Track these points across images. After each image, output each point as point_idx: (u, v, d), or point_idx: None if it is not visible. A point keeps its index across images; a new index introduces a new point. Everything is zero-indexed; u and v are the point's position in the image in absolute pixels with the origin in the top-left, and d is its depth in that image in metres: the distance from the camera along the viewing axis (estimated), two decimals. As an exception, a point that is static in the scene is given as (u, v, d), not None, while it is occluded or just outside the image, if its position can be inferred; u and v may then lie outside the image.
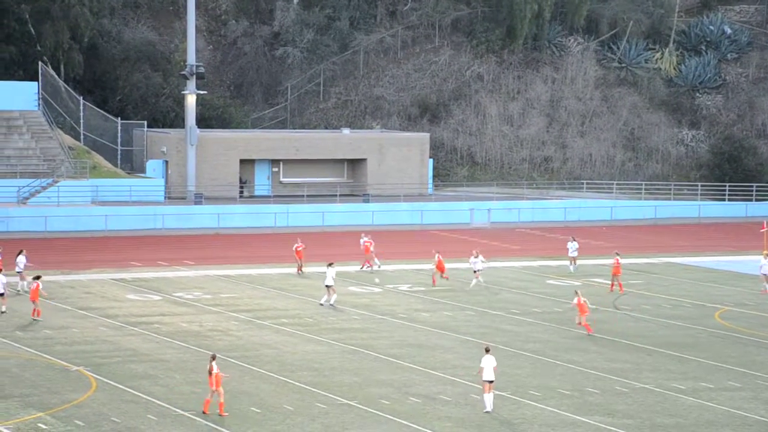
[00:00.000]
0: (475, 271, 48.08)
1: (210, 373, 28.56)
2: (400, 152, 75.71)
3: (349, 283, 49.16)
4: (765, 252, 48.23)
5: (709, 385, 32.49)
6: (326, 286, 43.31)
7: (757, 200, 79.08)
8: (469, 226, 69.94)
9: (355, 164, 75.83)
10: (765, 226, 60.17)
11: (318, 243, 61.61)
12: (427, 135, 78.79)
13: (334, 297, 43.31)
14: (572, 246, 52.54)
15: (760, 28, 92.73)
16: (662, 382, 32.83)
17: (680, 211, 76.22)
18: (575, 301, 39.62)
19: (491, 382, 29.54)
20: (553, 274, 51.37)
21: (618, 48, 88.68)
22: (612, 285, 46.78)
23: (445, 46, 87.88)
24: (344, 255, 56.68)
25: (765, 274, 46.82)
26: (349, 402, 30.18)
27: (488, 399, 29.54)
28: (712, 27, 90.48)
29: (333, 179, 75.11)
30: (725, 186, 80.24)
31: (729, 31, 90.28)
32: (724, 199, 79.64)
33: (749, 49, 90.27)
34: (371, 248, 52.06)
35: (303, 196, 70.51)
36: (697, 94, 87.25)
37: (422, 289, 48.05)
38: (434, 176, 78.55)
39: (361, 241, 52.73)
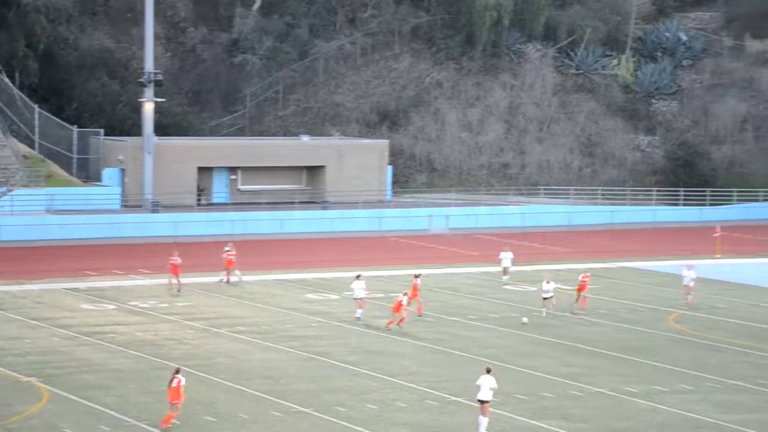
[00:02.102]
0: (544, 298, 43.84)
1: (170, 385, 28.32)
2: (358, 159, 75.81)
3: (306, 290, 49.18)
4: (687, 264, 47.91)
5: (662, 388, 32.81)
6: (356, 299, 42.36)
7: (710, 205, 79.86)
8: (428, 232, 70.14)
9: (313, 171, 75.82)
10: (718, 230, 60.88)
11: (276, 251, 61.57)
12: (386, 142, 78.92)
13: (359, 311, 42.35)
14: (506, 256, 51.93)
15: (714, 35, 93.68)
16: (616, 385, 33.12)
17: (636, 216, 76.84)
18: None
19: (485, 402, 28.23)
20: (511, 280, 51.62)
21: (576, 55, 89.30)
22: (577, 300, 45.74)
23: (404, 53, 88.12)
24: (303, 262, 56.69)
25: (687, 285, 46.20)
26: (305, 409, 30.21)
27: (482, 423, 28.07)
28: (668, 34, 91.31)
29: (292, 186, 75.04)
30: (680, 191, 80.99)
31: (684, 37, 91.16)
32: (678, 204, 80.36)
33: (704, 56, 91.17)
34: (233, 260, 49.44)
35: (261, 203, 70.40)
36: (653, 100, 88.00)
37: (380, 295, 48.11)
38: (393, 183, 78.69)
39: (225, 252, 49.82)
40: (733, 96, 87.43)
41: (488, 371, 28.68)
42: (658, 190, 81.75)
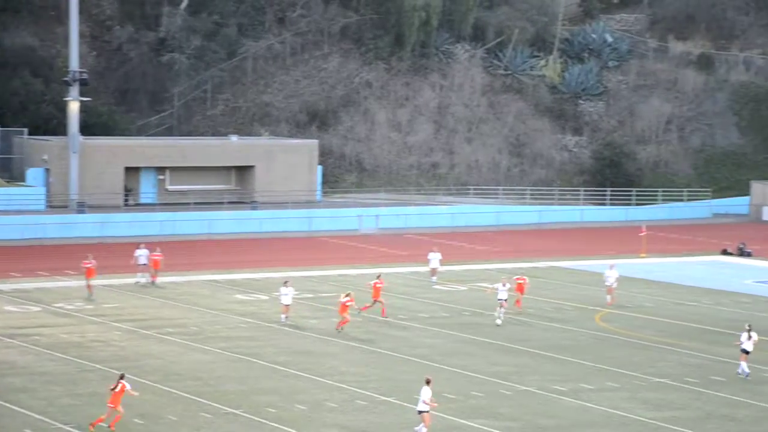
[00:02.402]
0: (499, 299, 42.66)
1: (114, 390, 27.92)
2: (288, 159, 75.55)
3: (235, 291, 48.89)
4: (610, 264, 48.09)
5: (589, 386, 33.13)
6: (282, 304, 41.72)
7: (636, 205, 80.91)
8: (358, 232, 70.14)
9: (243, 171, 75.40)
10: (644, 230, 61.67)
11: (205, 251, 61.13)
12: (315, 142, 78.76)
13: (283, 316, 41.85)
14: (434, 257, 51.82)
15: (639, 37, 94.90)
16: (544, 384, 33.37)
17: (563, 216, 77.57)
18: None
19: (422, 413, 27.91)
20: (441, 279, 51.78)
21: (504, 55, 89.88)
22: (517, 301, 45.53)
23: (333, 53, 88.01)
24: (232, 263, 56.35)
25: (609, 286, 46.21)
26: (234, 411, 30.01)
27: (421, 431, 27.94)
28: (594, 35, 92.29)
29: (220, 186, 74.55)
30: (606, 191, 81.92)
31: (610, 39, 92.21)
32: (605, 204, 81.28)
33: (629, 57, 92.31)
34: (159, 261, 48.74)
35: (190, 203, 69.84)
36: (580, 101, 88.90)
37: (309, 295, 48.00)
38: (323, 183, 78.57)
39: (143, 253, 48.69)
40: (658, 97, 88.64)
41: (428, 382, 28.17)
42: (585, 190, 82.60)
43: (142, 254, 49.14)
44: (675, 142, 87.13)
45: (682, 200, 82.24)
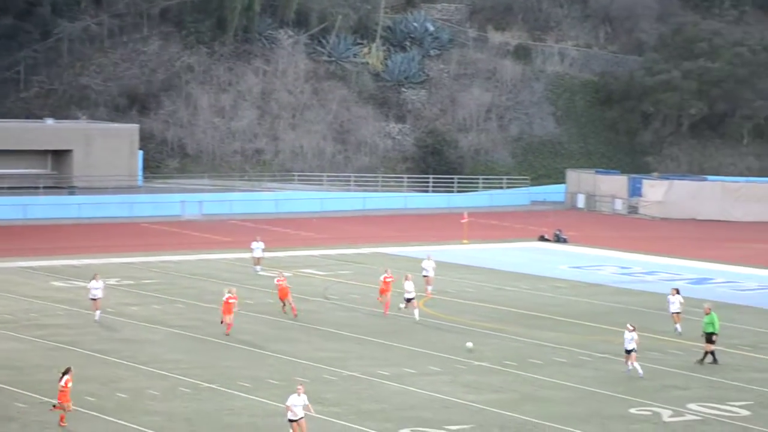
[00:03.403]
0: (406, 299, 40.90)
1: (66, 386, 27.19)
2: (108, 143, 73.87)
3: (52, 277, 47.54)
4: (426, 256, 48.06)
5: (413, 371, 33.54)
6: (92, 299, 39.55)
7: (458, 192, 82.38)
8: (181, 218, 69.21)
9: (59, 155, 73.34)
10: (465, 216, 62.83)
11: (20, 237, 59.25)
12: (136, 126, 77.25)
13: (98, 312, 39.43)
14: (257, 246, 50.89)
15: (459, 26, 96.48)
16: (368, 369, 33.61)
17: (387, 203, 78.33)
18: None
19: (296, 420, 26.34)
20: (265, 265, 51.55)
21: (327, 42, 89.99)
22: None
23: (153, 36, 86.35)
24: (49, 249, 54.80)
25: (427, 276, 45.55)
26: (51, 400, 29.15)
27: None
28: (416, 24, 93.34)
29: (36, 171, 72.36)
30: (429, 178, 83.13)
31: (432, 28, 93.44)
32: (428, 191, 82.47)
33: (450, 46, 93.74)
34: None
35: (3, 188, 67.54)
36: (403, 89, 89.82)
37: (130, 282, 47.09)
38: (144, 168, 77.16)
39: None
40: (478, 86, 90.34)
41: (299, 390, 26.70)
42: (408, 177, 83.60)
43: None
44: (495, 131, 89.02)
45: (501, 188, 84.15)
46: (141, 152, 76.30)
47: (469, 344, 32.91)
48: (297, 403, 26.40)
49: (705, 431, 27.91)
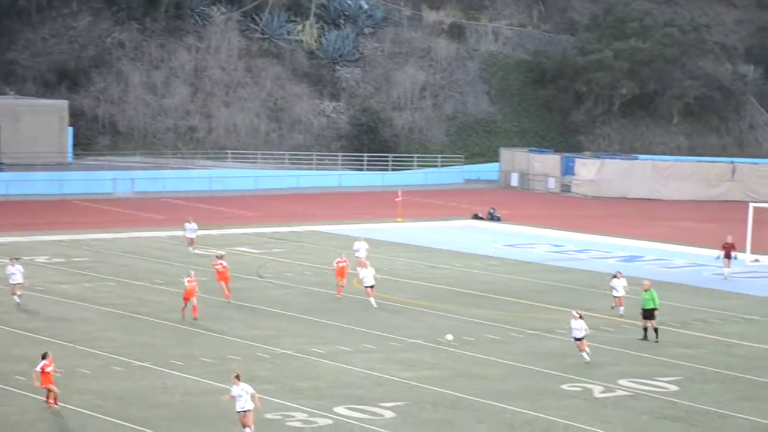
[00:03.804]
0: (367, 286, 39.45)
1: (44, 371, 26.72)
2: (36, 120, 72.79)
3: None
4: (358, 239, 47.41)
5: (347, 349, 33.59)
6: (12, 284, 38.16)
7: (393, 170, 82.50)
8: (112, 195, 68.53)
9: (-13, 132, 72.20)
10: (400, 195, 62.96)
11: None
12: (65, 102, 76.22)
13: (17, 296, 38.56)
14: (190, 227, 49.89)
15: (393, 5, 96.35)
16: (302, 347, 33.60)
17: (322, 181, 78.23)
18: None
19: (246, 411, 24.83)
20: (198, 243, 51.22)
21: (261, 19, 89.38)
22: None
23: (83, 11, 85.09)
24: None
25: (359, 257, 44.49)
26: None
27: None
28: (350, 2, 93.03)
29: (-38, 148, 71.20)
30: (364, 156, 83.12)
31: (366, 6, 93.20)
32: (362, 169, 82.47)
33: (385, 25, 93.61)
34: None
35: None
36: (337, 67, 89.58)
37: (61, 260, 46.54)
38: (75, 145, 76.20)
39: None
40: (412, 65, 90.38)
41: (238, 378, 25.13)
42: (343, 156, 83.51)
43: None
44: (429, 109, 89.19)
45: (436, 166, 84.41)
46: (71, 129, 75.32)
47: (449, 336, 32.16)
48: (240, 393, 24.85)
49: (635, 406, 28.32)
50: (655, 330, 34.98)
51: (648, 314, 35.09)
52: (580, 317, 32.50)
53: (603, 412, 27.79)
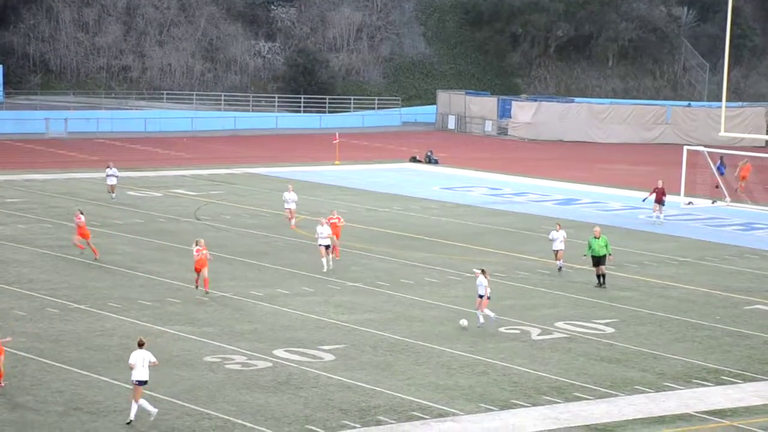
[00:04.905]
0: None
1: None
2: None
3: None
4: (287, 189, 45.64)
5: (285, 291, 33.55)
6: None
7: (330, 112, 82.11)
8: (45, 136, 67.45)
9: None
10: (337, 137, 62.73)
11: None
12: (-5, 40, 74.64)
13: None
14: (111, 173, 47.47)
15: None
16: (241, 290, 33.49)
17: (258, 123, 77.67)
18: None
19: (143, 383, 22.39)
20: (134, 185, 50.70)
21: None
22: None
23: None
24: None
25: (288, 208, 42.89)
26: None
27: (135, 408, 22.25)
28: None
29: None
30: (300, 98, 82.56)
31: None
32: (299, 111, 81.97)
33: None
34: None
35: None
36: (272, 7, 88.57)
37: (-6, 202, 45.80)
38: (5, 84, 74.73)
39: None
40: (348, 5, 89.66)
41: (141, 345, 22.69)
42: (279, 97, 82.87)
43: None
44: (365, 51, 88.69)
45: (373, 108, 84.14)
46: (1, 67, 73.83)
47: (464, 321, 30.53)
48: (138, 362, 22.31)
49: (572, 348, 28.66)
50: (603, 276, 35.25)
51: (599, 260, 35.19)
52: (483, 272, 30.45)
53: (540, 354, 28.10)
